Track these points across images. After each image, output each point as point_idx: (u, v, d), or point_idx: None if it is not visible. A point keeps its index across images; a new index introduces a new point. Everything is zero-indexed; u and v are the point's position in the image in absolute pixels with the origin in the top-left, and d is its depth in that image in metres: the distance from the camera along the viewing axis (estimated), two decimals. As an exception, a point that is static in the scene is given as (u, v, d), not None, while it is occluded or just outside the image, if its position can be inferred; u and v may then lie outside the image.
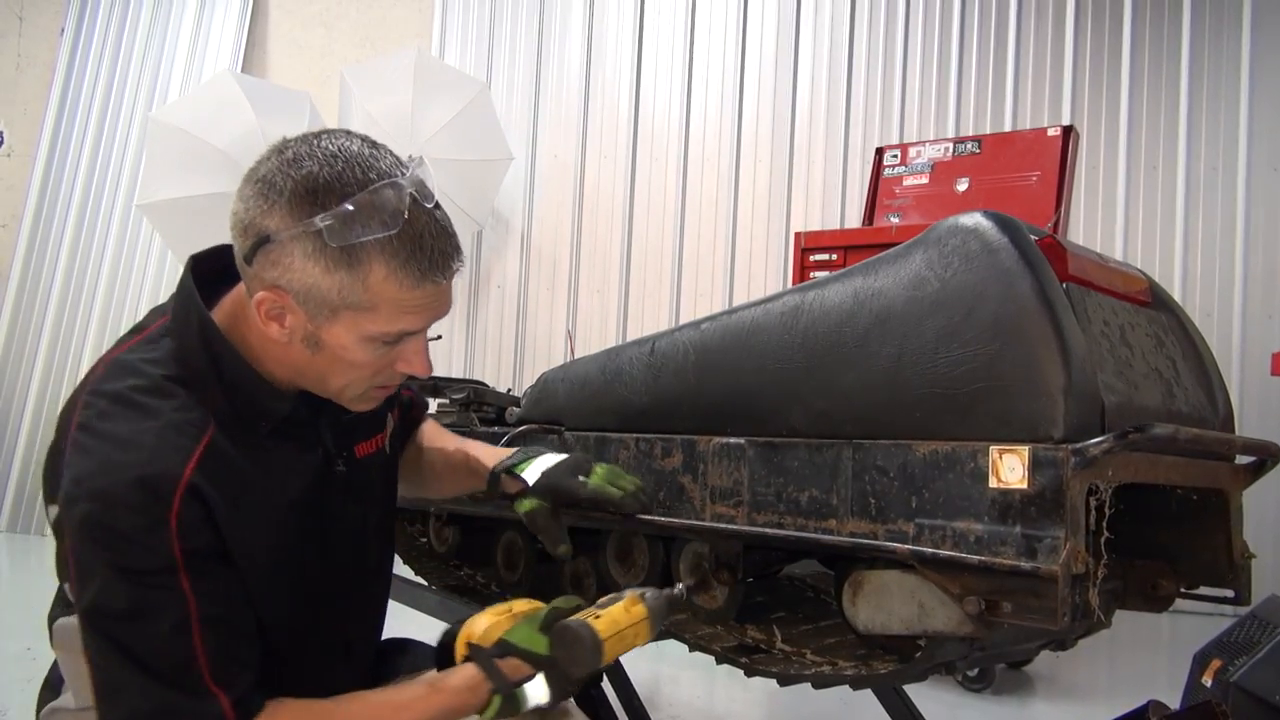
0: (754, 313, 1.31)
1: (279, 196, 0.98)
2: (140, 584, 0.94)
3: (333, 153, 1.00)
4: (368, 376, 1.10)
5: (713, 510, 1.34)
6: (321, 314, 1.02)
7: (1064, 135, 3.66)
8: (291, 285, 1.00)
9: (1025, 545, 0.91)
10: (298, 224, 0.98)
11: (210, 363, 1.04)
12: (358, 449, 1.22)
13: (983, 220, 1.03)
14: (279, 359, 1.08)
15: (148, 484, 0.94)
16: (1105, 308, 1.08)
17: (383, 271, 1.00)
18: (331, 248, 0.98)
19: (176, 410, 1.00)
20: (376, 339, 1.05)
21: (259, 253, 1.00)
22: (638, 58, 5.41)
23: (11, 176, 5.84)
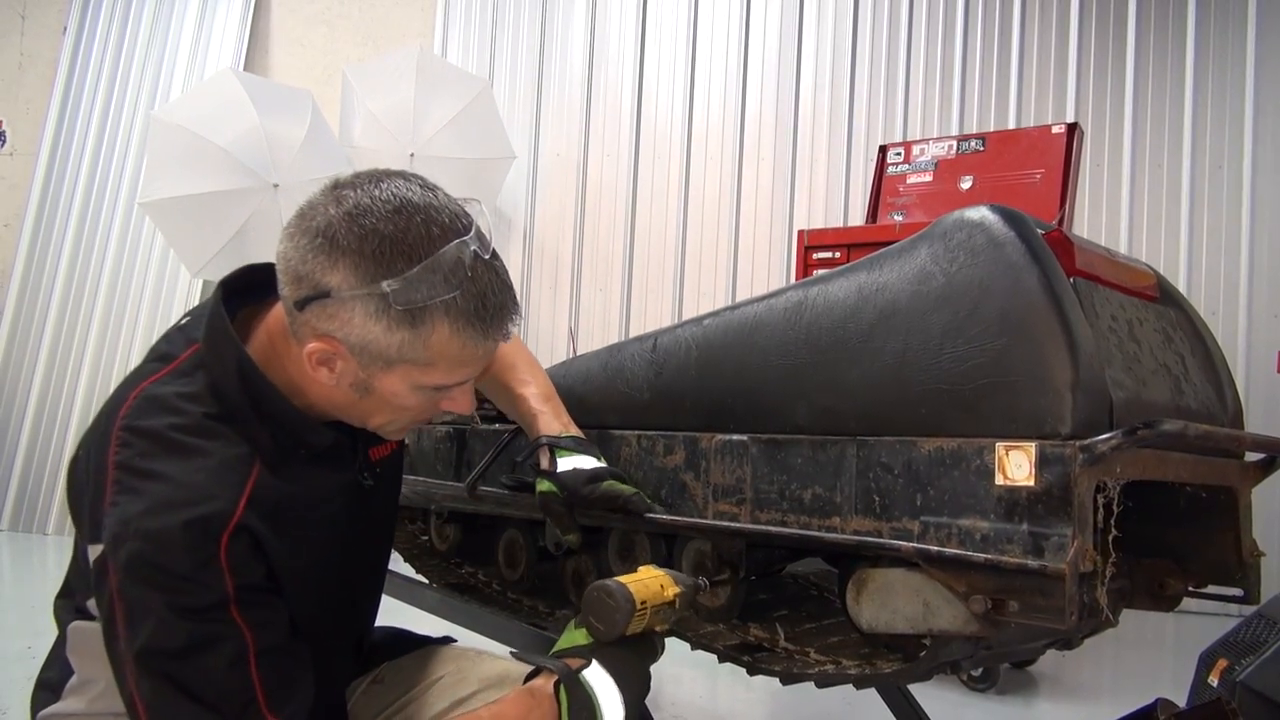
0: (757, 308, 1.30)
1: (342, 255, 0.96)
2: (195, 621, 0.93)
3: (396, 206, 0.97)
4: (415, 418, 1.11)
5: (715, 508, 1.33)
6: (376, 365, 1.01)
7: (1068, 133, 3.65)
8: (348, 339, 0.99)
9: (1032, 543, 0.89)
10: (363, 286, 0.96)
11: (249, 399, 1.03)
12: (373, 451, 1.22)
13: (989, 214, 1.02)
14: (320, 395, 1.07)
15: (199, 524, 0.93)
16: (1113, 303, 1.06)
17: (446, 333, 0.99)
18: (395, 310, 0.96)
19: (222, 448, 0.99)
20: (429, 388, 1.05)
21: (314, 304, 0.98)
22: (640, 55, 5.40)
23: (14, 175, 5.84)
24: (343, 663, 1.26)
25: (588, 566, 1.91)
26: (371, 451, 1.21)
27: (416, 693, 1.31)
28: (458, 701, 1.26)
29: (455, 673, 1.31)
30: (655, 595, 1.13)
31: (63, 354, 5.62)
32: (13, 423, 5.62)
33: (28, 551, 5.07)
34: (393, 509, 1.35)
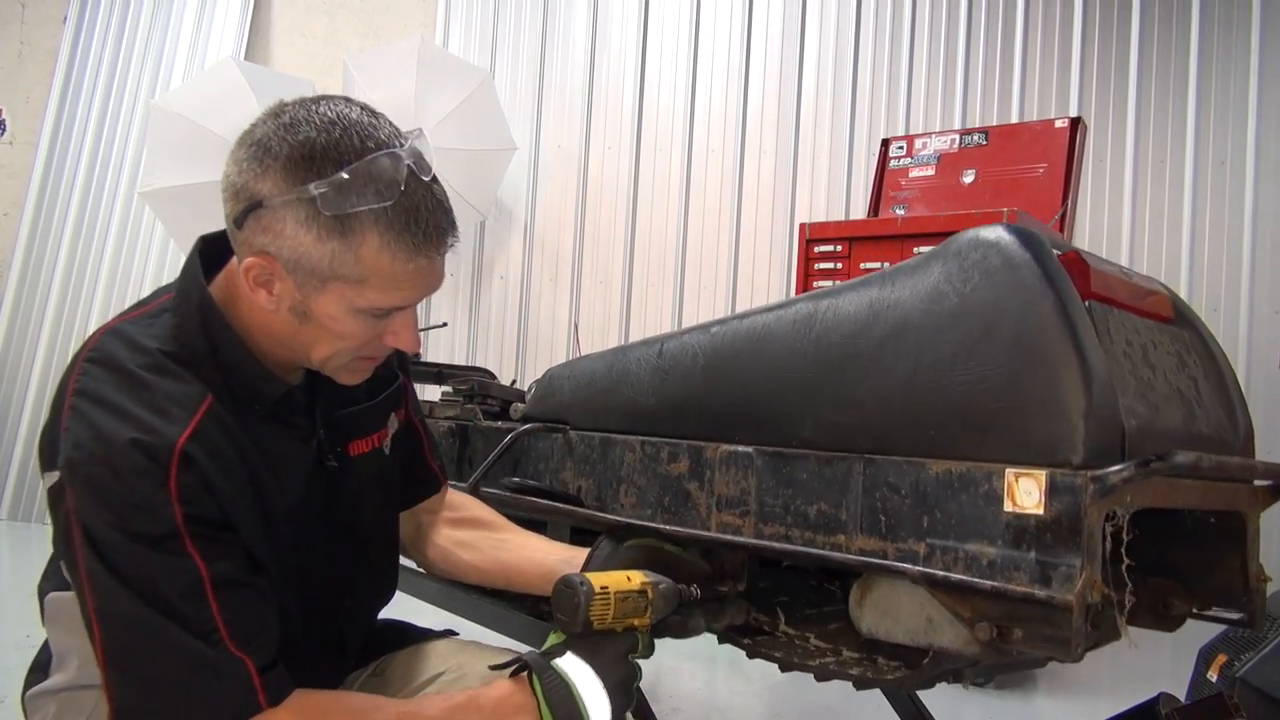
0: (765, 318, 1.29)
1: (274, 161, 0.96)
2: (147, 548, 0.93)
3: (331, 119, 0.98)
4: (354, 348, 1.08)
5: (718, 519, 1.32)
6: (310, 284, 1.00)
7: (1071, 127, 3.65)
8: (281, 252, 0.99)
9: (1040, 572, 0.89)
10: (291, 190, 0.96)
11: (207, 341, 1.04)
12: (352, 446, 1.21)
13: (1004, 234, 1.01)
14: (266, 329, 1.06)
15: (143, 448, 0.94)
16: (1128, 326, 1.05)
17: (376, 243, 0.98)
18: (325, 216, 0.96)
19: (173, 385, 1.00)
20: (366, 312, 1.03)
21: (250, 217, 0.98)
22: (642, 48, 5.37)
23: (13, 164, 5.82)
24: (321, 655, 1.24)
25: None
26: (351, 446, 1.21)
27: (416, 688, 1.31)
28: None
29: (456, 669, 1.31)
30: (619, 583, 1.12)
31: (62, 343, 5.60)
32: (12, 411, 5.62)
33: (27, 541, 5.08)
34: (384, 510, 1.32)
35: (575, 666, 1.07)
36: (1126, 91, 4.51)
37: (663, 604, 1.16)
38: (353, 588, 1.27)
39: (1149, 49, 4.49)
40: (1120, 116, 4.52)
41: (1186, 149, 4.42)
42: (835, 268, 3.40)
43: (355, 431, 1.22)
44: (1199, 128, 4.40)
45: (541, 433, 1.70)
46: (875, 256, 3.32)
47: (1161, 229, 4.43)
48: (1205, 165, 4.39)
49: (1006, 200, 3.42)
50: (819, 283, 3.44)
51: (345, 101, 1.02)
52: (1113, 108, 4.53)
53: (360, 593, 1.30)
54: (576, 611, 1.07)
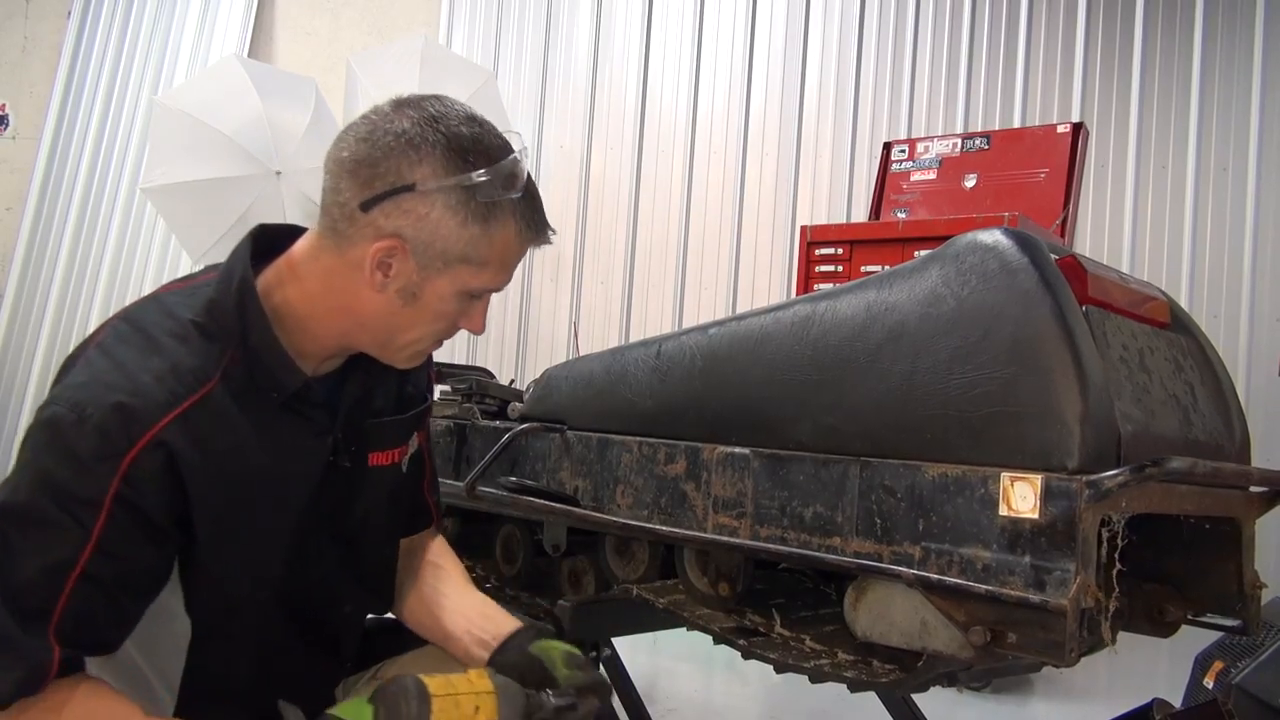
0: (763, 320, 1.29)
1: (430, 151, 1.01)
2: (56, 502, 0.93)
3: (468, 116, 1.06)
4: (441, 331, 1.13)
5: (715, 520, 1.32)
6: (434, 265, 1.05)
7: (1073, 132, 3.64)
8: (417, 235, 1.03)
9: (1034, 576, 0.89)
10: (450, 177, 1.01)
11: (239, 321, 1.05)
12: (372, 457, 1.21)
13: (1002, 238, 1.01)
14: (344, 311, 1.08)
15: (122, 413, 0.95)
16: (1125, 331, 1.05)
17: (513, 231, 1.06)
18: (475, 203, 1.02)
19: (186, 356, 1.01)
20: (470, 293, 1.09)
21: (389, 201, 1.02)
22: (646, 49, 5.38)
23: (16, 159, 5.83)
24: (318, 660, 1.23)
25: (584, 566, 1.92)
26: (371, 456, 1.20)
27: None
28: None
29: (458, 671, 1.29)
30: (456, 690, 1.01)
31: (63, 338, 5.61)
32: (12, 407, 5.62)
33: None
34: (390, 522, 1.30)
35: None
36: (1129, 97, 4.51)
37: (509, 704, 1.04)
38: (352, 595, 1.26)
39: (1152, 55, 4.49)
40: (1122, 122, 4.52)
41: (1188, 155, 4.41)
42: (836, 270, 3.40)
43: (379, 443, 1.22)
44: (1201, 134, 4.40)
45: (539, 432, 1.70)
46: (876, 259, 3.31)
47: (1163, 235, 4.42)
48: (1207, 171, 4.39)
49: (1008, 205, 3.42)
50: (819, 285, 3.43)
51: (462, 104, 1.09)
52: (1115, 113, 4.53)
53: (359, 600, 1.29)
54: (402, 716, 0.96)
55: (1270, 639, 1.80)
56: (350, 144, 1.05)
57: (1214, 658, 1.92)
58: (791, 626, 1.39)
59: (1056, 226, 3.48)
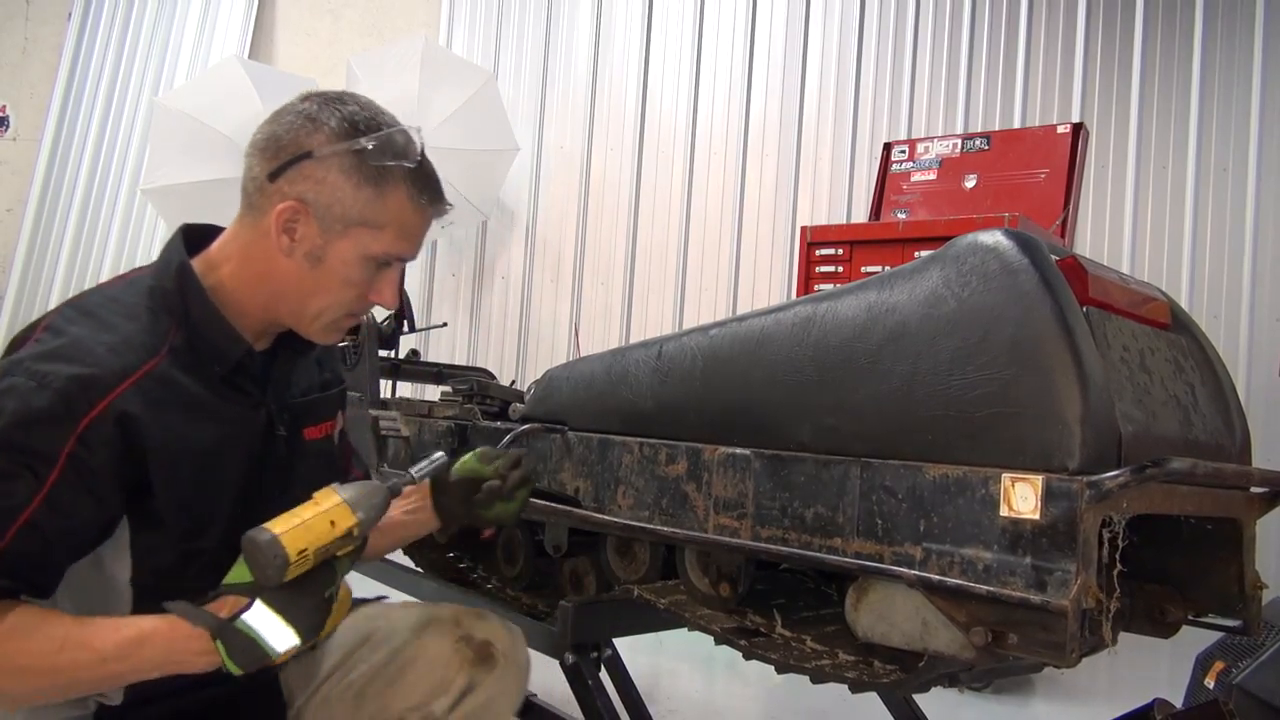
0: (764, 321, 1.29)
1: (326, 122, 1.13)
2: (12, 456, 1.00)
3: (365, 101, 1.18)
4: (349, 300, 1.21)
5: (716, 521, 1.32)
6: (335, 228, 1.15)
7: (1074, 132, 3.64)
8: (319, 198, 1.13)
9: (1035, 577, 0.89)
10: (342, 142, 1.13)
11: (179, 298, 1.14)
12: (307, 431, 1.30)
13: (1003, 239, 1.01)
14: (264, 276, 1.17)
15: (79, 381, 1.02)
16: (1125, 332, 1.05)
17: (403, 195, 1.16)
18: (367, 166, 1.13)
19: (136, 331, 1.10)
20: (373, 259, 1.18)
21: (292, 168, 1.13)
22: (646, 50, 5.38)
23: (17, 160, 5.83)
24: None
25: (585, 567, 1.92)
26: (306, 431, 1.30)
27: (353, 649, 1.40)
28: (394, 650, 1.37)
29: (386, 626, 1.41)
30: (321, 536, 1.07)
31: (64, 339, 5.62)
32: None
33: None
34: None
35: (264, 621, 1.06)
36: (1129, 97, 4.52)
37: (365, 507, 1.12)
38: None
39: (1152, 55, 4.49)
40: (1122, 122, 4.52)
41: (1188, 155, 4.41)
42: (836, 271, 3.40)
43: (310, 418, 1.32)
44: (1201, 134, 4.40)
45: (540, 433, 1.70)
46: (876, 260, 3.31)
47: (1163, 235, 4.43)
48: (1207, 172, 4.39)
49: (1008, 205, 3.42)
50: (820, 286, 3.43)
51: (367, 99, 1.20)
52: (1115, 114, 4.53)
53: None
54: (269, 576, 1.04)
55: (1271, 639, 1.80)
56: (261, 128, 1.17)
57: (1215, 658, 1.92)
58: (792, 627, 1.39)
59: (1056, 227, 3.48)
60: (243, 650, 1.05)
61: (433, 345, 5.49)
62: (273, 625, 1.05)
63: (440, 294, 5.90)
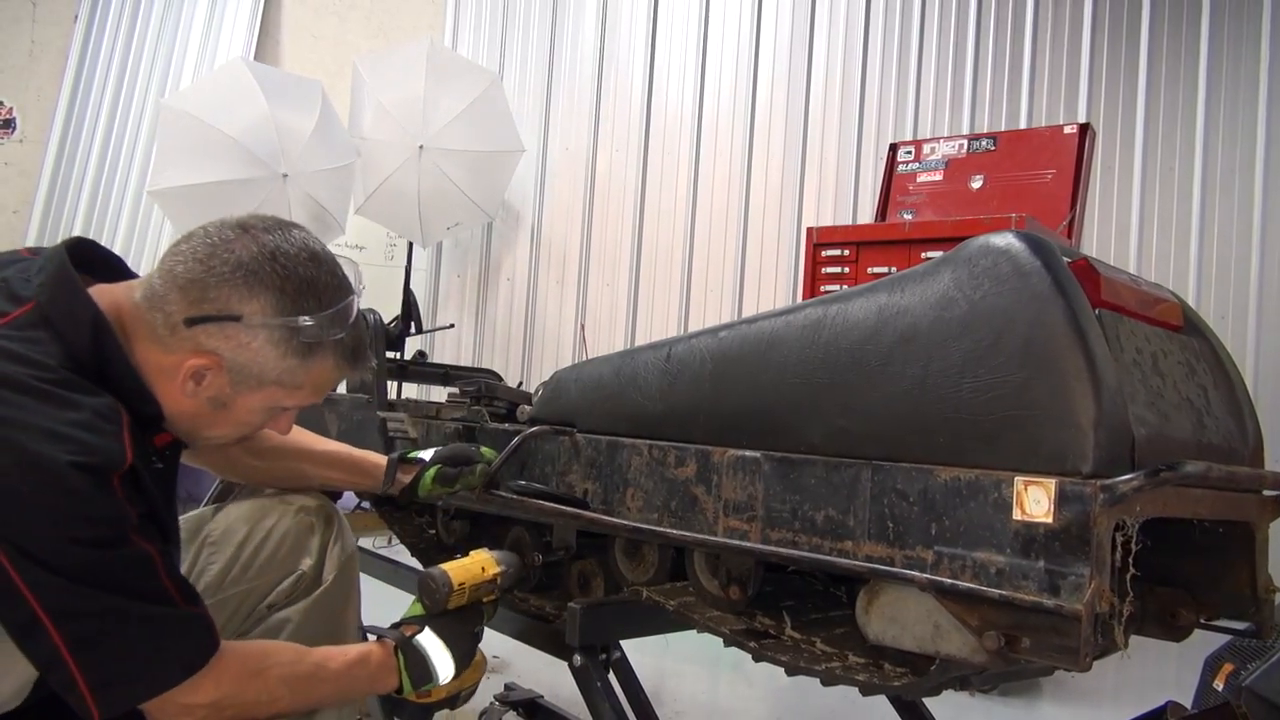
0: (774, 324, 1.29)
1: (264, 289, 1.09)
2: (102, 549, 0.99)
3: (310, 254, 1.14)
4: (246, 432, 1.24)
5: (725, 523, 1.32)
6: (248, 384, 1.13)
7: (1080, 133, 3.63)
8: (235, 359, 1.11)
9: (1048, 581, 0.88)
10: (278, 318, 1.10)
11: (97, 362, 1.07)
12: (157, 439, 1.22)
13: (1015, 241, 1.00)
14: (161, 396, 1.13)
15: (88, 470, 0.98)
16: (1138, 335, 1.04)
17: (330, 365, 1.17)
18: (298, 341, 1.11)
19: (89, 400, 1.03)
20: (279, 409, 1.21)
21: (214, 324, 1.08)
22: (651, 50, 5.38)
23: (24, 162, 5.84)
24: None
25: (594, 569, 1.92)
26: (157, 439, 1.22)
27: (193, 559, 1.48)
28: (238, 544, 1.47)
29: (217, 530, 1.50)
30: (475, 576, 1.40)
31: (71, 341, 5.63)
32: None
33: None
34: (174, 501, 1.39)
35: (432, 644, 1.34)
36: (1135, 98, 4.50)
37: (509, 582, 1.47)
38: None
39: (1158, 55, 4.48)
40: (1129, 123, 4.51)
41: (1195, 156, 4.40)
42: (842, 272, 3.39)
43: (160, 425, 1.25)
44: (1208, 134, 4.38)
45: (549, 435, 1.70)
46: (883, 261, 3.31)
47: (1170, 235, 4.41)
48: (1214, 172, 4.38)
49: (1014, 206, 3.41)
50: (826, 287, 3.43)
51: (302, 230, 1.17)
52: (1121, 114, 4.52)
53: None
54: (436, 602, 1.36)
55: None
56: (186, 260, 1.10)
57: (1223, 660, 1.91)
58: (802, 629, 1.39)
59: (1063, 228, 3.47)
60: (416, 666, 1.31)
61: (438, 347, 5.50)
62: (437, 647, 1.34)
63: (445, 295, 5.90)
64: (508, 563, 1.46)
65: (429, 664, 1.32)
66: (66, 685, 1.00)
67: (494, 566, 1.43)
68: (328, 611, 1.51)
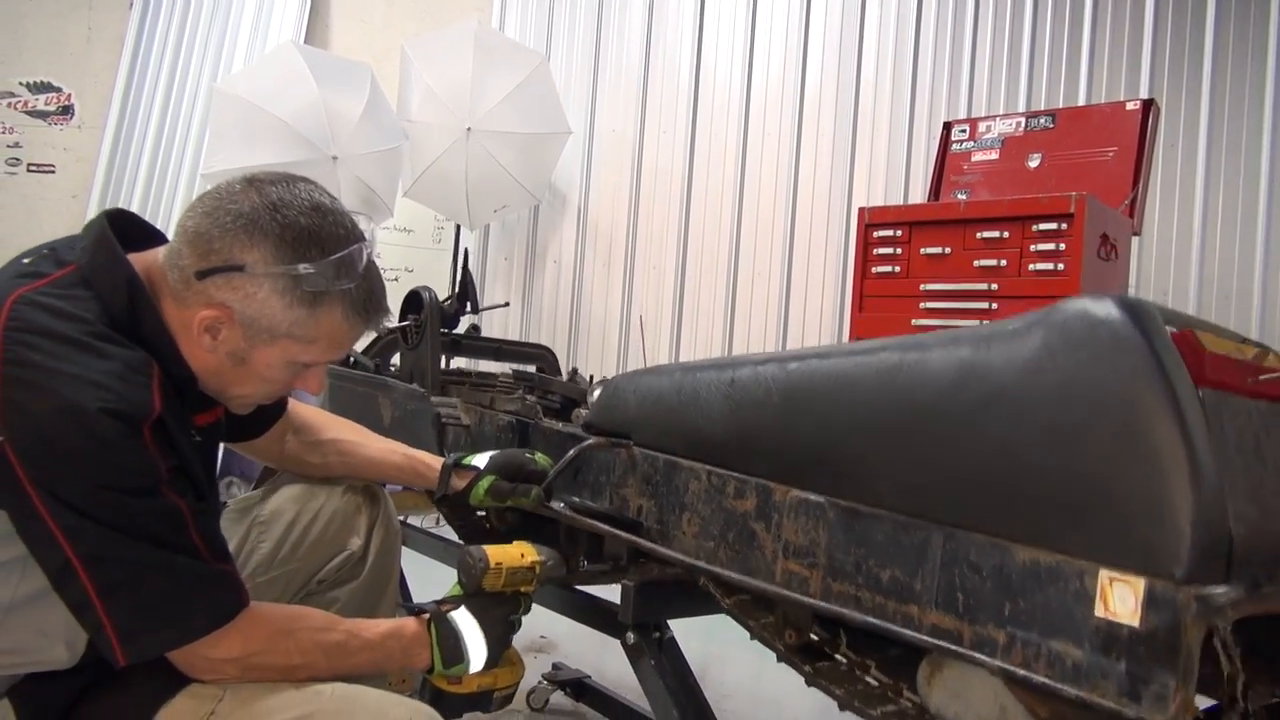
0: (846, 363, 1.24)
1: (264, 238, 1.11)
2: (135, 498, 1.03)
3: (312, 205, 1.14)
4: (273, 392, 1.25)
5: (784, 566, 1.29)
6: (261, 338, 1.15)
7: (1144, 109, 3.51)
8: (244, 310, 1.12)
9: (1129, 686, 0.84)
10: (279, 265, 1.11)
11: (132, 320, 1.11)
12: (198, 418, 1.28)
13: (1114, 310, 0.92)
14: (187, 353, 1.16)
15: (119, 416, 1.01)
16: (1240, 414, 0.96)
17: (339, 316, 1.17)
18: (302, 290, 1.12)
19: (123, 352, 1.07)
20: (299, 364, 1.20)
21: (220, 275, 1.11)
22: (699, 30, 5.29)
23: (81, 148, 5.92)
24: None
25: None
26: (198, 418, 1.28)
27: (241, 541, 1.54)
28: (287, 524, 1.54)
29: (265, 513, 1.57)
30: (512, 559, 1.43)
31: (129, 323, 5.74)
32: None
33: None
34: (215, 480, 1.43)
35: (465, 621, 1.36)
36: (1201, 71, 4.32)
37: (548, 575, 1.49)
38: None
39: (1225, 27, 4.29)
40: (1194, 99, 4.34)
41: (1264, 134, 4.21)
42: (895, 253, 3.34)
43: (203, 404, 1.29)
44: (1277, 111, 4.21)
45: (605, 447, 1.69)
46: (936, 241, 3.25)
47: (1235, 221, 4.25)
48: (1284, 151, 4.21)
49: (1073, 185, 3.31)
50: (878, 269, 3.38)
51: (312, 184, 1.18)
52: (1186, 89, 4.35)
53: None
54: (472, 579, 1.38)
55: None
56: (196, 216, 1.14)
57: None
58: (857, 650, 1.37)
59: (1125, 207, 3.37)
60: (448, 642, 1.32)
61: (486, 326, 5.53)
62: (471, 626, 1.35)
63: (493, 277, 5.93)
64: (548, 555, 1.49)
65: (461, 642, 1.34)
66: (95, 629, 1.04)
67: (534, 554, 1.46)
68: (373, 589, 1.60)
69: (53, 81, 5.91)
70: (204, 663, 1.10)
